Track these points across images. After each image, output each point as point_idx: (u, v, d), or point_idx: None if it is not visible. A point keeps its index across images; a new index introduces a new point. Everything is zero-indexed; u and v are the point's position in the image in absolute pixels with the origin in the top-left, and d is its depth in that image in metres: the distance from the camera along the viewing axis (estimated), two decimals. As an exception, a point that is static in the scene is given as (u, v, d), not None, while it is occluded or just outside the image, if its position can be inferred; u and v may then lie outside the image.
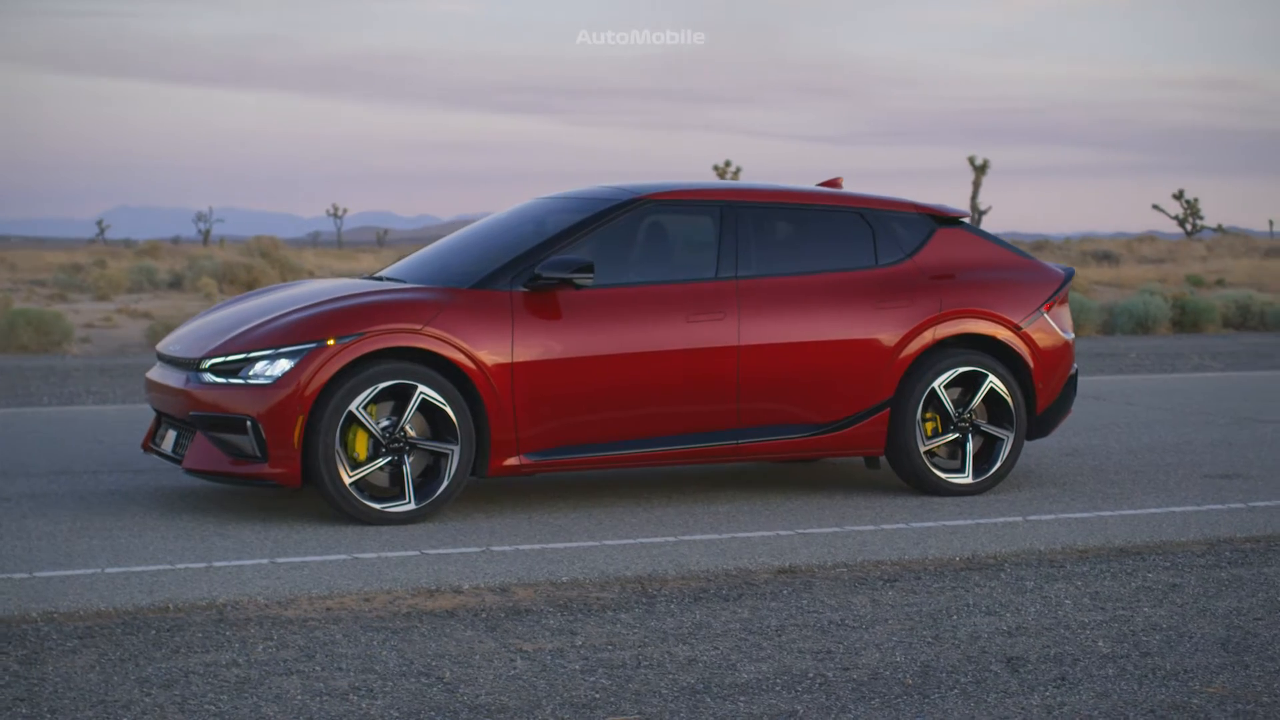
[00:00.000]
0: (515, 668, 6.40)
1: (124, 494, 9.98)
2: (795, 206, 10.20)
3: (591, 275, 9.38)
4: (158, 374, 9.84)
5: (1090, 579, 8.00)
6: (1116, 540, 8.88)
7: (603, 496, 10.09)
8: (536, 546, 8.65)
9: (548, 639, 6.85)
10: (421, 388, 9.11)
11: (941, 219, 10.54)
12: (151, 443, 10.01)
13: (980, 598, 7.61)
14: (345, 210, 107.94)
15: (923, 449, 10.11)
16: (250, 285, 36.17)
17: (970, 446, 10.22)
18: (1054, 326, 10.50)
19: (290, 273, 38.00)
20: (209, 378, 9.22)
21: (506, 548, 8.61)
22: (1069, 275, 10.77)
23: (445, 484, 9.20)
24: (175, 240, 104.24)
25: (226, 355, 9.21)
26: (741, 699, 5.98)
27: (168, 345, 9.90)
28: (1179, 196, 79.48)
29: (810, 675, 6.29)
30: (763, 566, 8.25)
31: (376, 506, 9.10)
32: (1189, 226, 79.02)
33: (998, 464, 10.27)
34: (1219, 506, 9.86)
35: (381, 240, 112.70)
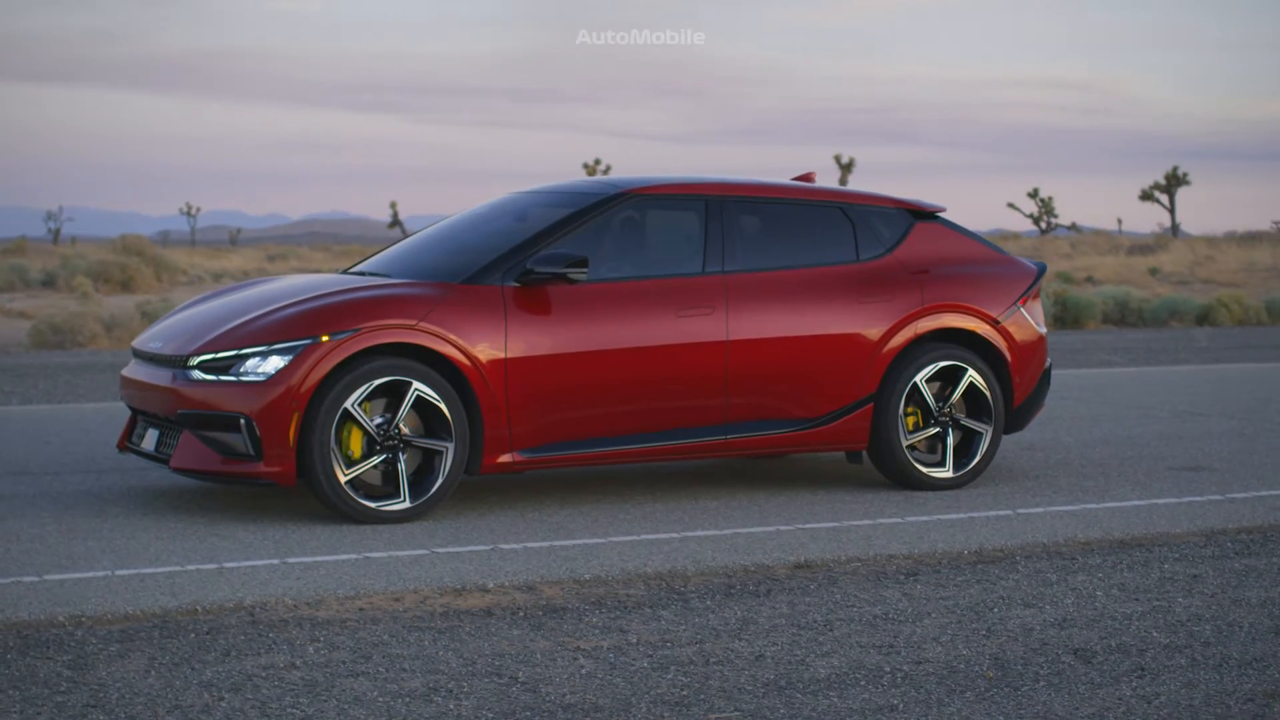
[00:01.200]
0: (584, 666, 6.31)
1: (95, 495, 9.74)
2: (778, 201, 10.19)
3: (586, 270, 9.30)
4: (136, 371, 9.61)
5: (1109, 571, 8.06)
6: (1115, 532, 8.95)
7: (586, 494, 10.01)
8: (544, 544, 8.55)
9: (599, 637, 6.77)
10: (416, 384, 8.97)
11: (918, 213, 10.58)
12: (128, 442, 9.77)
13: (1010, 590, 7.64)
14: (199, 209, 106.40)
15: (905, 444, 10.13)
16: (126, 284, 35.54)
17: (951, 441, 10.26)
18: (1030, 320, 10.58)
19: (166, 271, 37.39)
20: (197, 375, 9.02)
21: (514, 546, 8.51)
22: (1042, 270, 10.86)
23: (440, 482, 9.07)
24: (21, 240, 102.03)
25: (216, 352, 9.01)
26: (832, 693, 5.95)
27: (146, 342, 9.67)
28: (1034, 195, 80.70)
29: (886, 669, 6.27)
30: (779, 562, 8.22)
31: (372, 505, 8.96)
32: (1044, 225, 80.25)
33: (977, 458, 10.32)
34: (1199, 498, 9.98)
35: (234, 239, 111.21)
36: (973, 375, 10.25)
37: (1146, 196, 78.68)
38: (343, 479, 8.87)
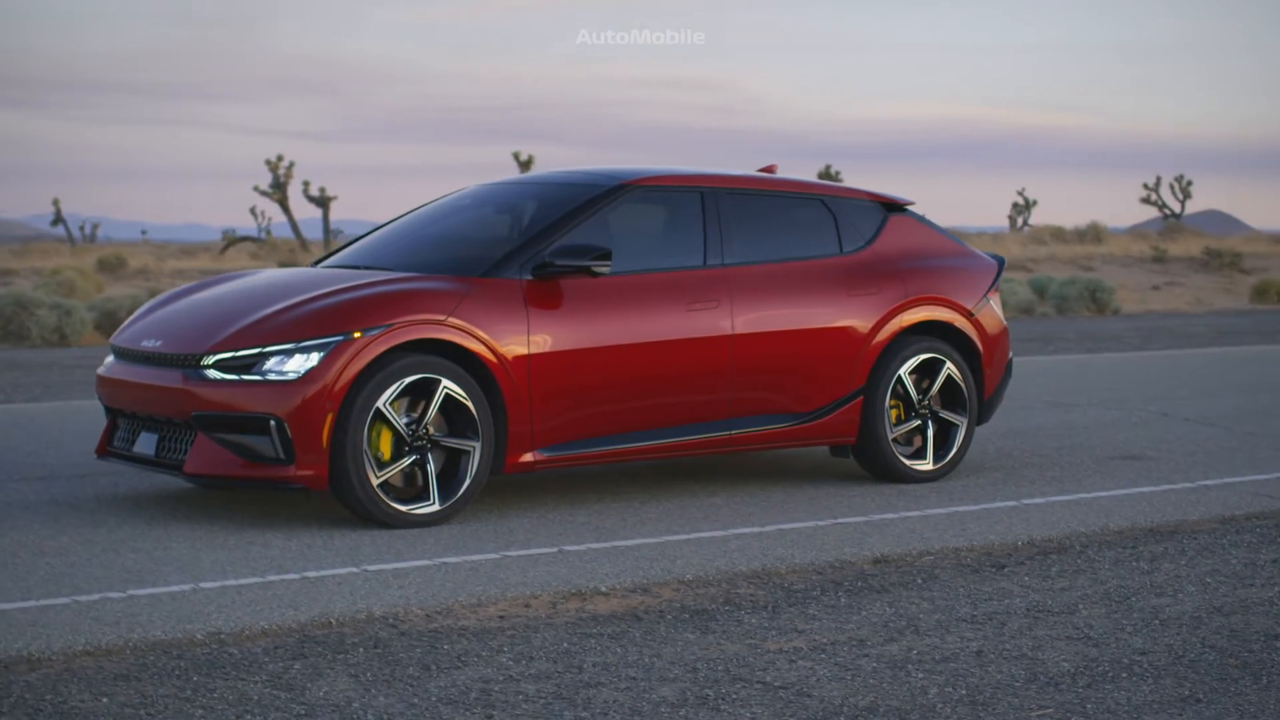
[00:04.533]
0: (817, 669, 6.13)
1: (102, 501, 9.09)
2: (767, 193, 10.09)
3: (609, 262, 9.06)
4: (124, 371, 9.01)
5: (1188, 556, 8.17)
6: (1141, 521, 9.08)
7: (585, 493, 9.73)
8: (604, 545, 8.30)
9: (787, 638, 6.58)
10: (445, 382, 8.61)
11: (890, 206, 10.60)
12: (110, 446, 9.15)
13: (1124, 577, 7.69)
14: None
15: (890, 436, 10.15)
16: None
17: (930, 433, 10.31)
18: (997, 312, 10.71)
19: None
20: (214, 374, 8.50)
21: (578, 547, 8.24)
22: (1002, 263, 10.99)
23: (468, 483, 8.73)
24: None
25: (236, 350, 8.50)
26: (1106, 687, 5.88)
27: (136, 340, 9.05)
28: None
29: (1115, 660, 6.23)
30: (857, 557, 8.13)
31: (403, 509, 8.56)
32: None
33: (954, 449, 10.38)
34: (1189, 485, 10.21)
35: None
36: (949, 368, 10.31)
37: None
38: (375, 482, 8.45)
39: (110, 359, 9.30)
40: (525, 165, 58.65)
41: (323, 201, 52.14)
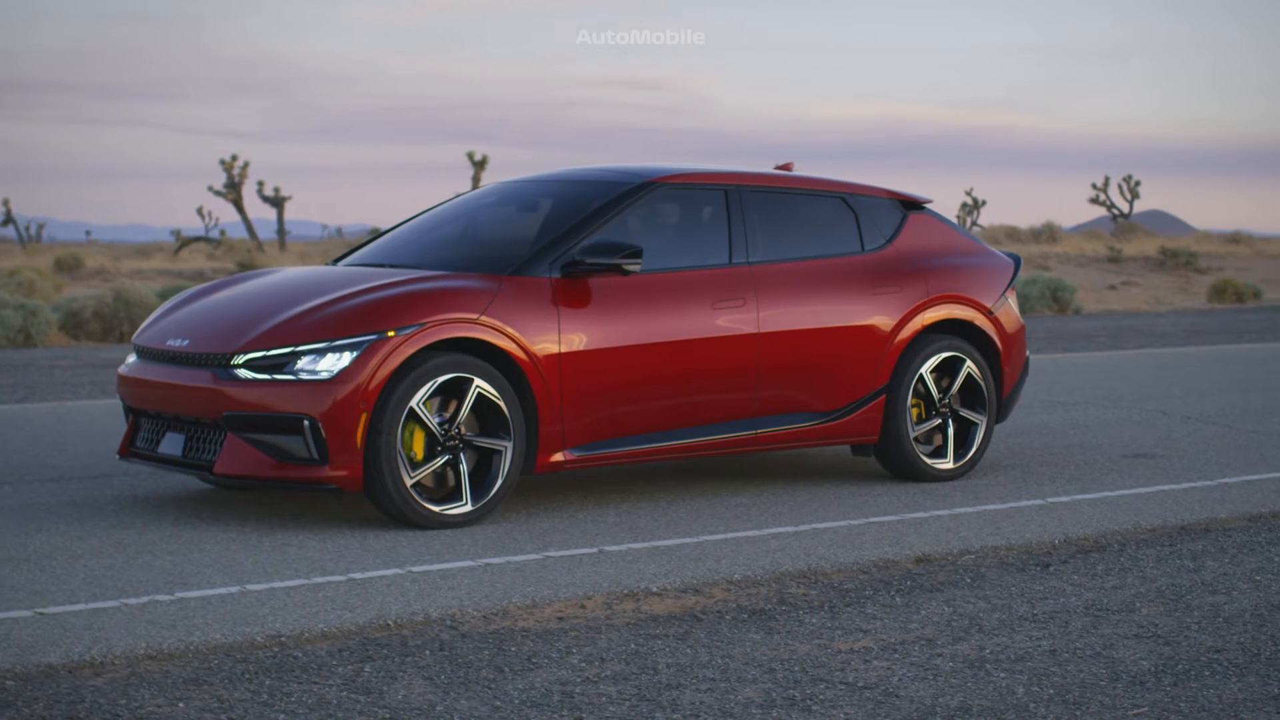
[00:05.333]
0: (895, 669, 6.06)
1: (122, 503, 8.96)
2: (789, 191, 10.03)
3: (640, 260, 8.98)
4: (148, 371, 8.88)
5: (1230, 554, 8.16)
6: (1172, 519, 9.06)
7: (608, 493, 9.66)
8: (643, 545, 8.23)
9: (853, 638, 6.52)
10: (477, 381, 8.52)
11: (909, 204, 10.56)
12: (133, 446, 9.02)
13: (1172, 575, 7.66)
14: None
15: (912, 435, 10.11)
16: None
17: (950, 431, 10.27)
18: (1015, 311, 10.68)
19: None
20: (245, 374, 8.38)
21: (618, 547, 8.17)
22: (1019, 261, 10.96)
23: (500, 483, 8.64)
24: None
25: (267, 349, 8.38)
26: (1192, 685, 5.84)
27: (160, 339, 8.92)
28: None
29: (1192, 659, 6.19)
30: (899, 556, 8.08)
31: (436, 509, 8.47)
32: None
33: (974, 448, 10.35)
34: (1209, 483, 10.21)
35: None
36: (970, 366, 10.28)
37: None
38: (408, 482, 8.35)
39: (132, 358, 9.16)
40: (480, 165, 58.55)
41: (277, 201, 51.86)
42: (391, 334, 8.34)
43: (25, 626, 6.41)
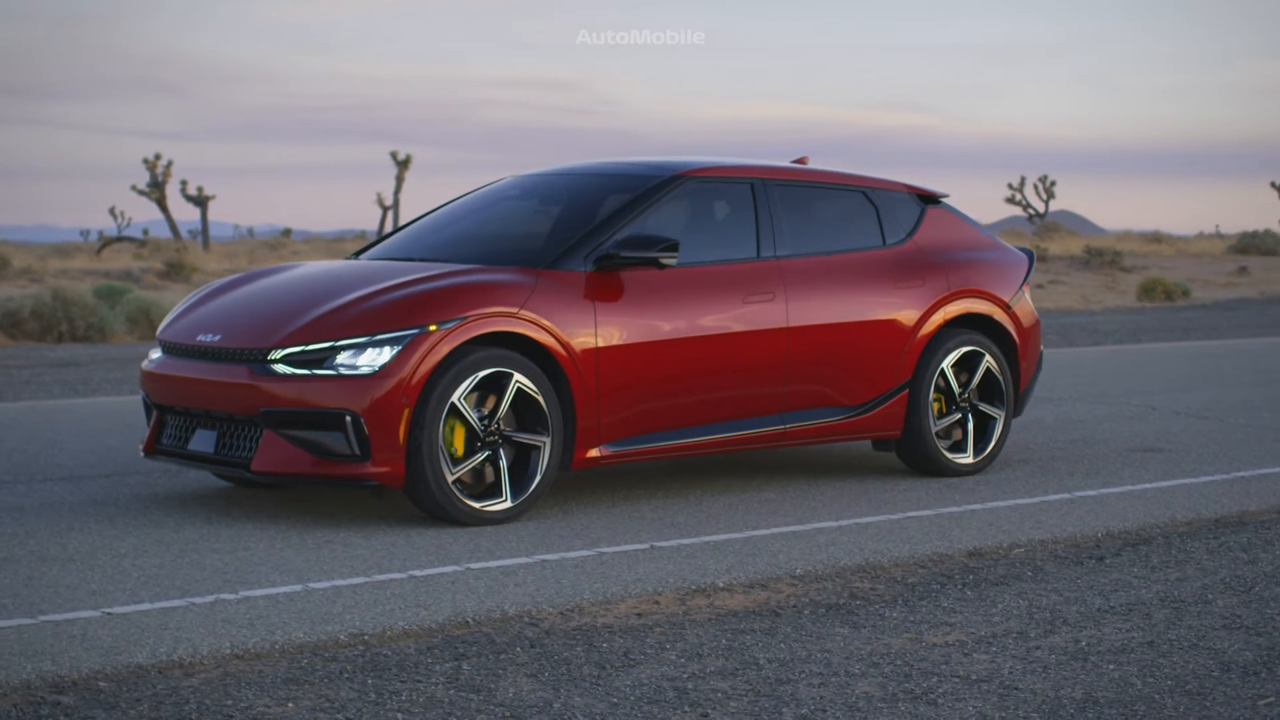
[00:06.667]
0: (1000, 663, 6.01)
1: (145, 501, 8.78)
2: (812, 185, 9.98)
3: (676, 254, 8.89)
4: (177, 366, 8.69)
5: (1278, 546, 8.18)
6: (1203, 512, 9.07)
7: (635, 489, 9.57)
8: (692, 541, 8.14)
9: (941, 631, 6.47)
10: (517, 375, 8.40)
11: (926, 198, 10.53)
12: (159, 444, 8.83)
13: (1230, 567, 7.66)
14: None
15: (934, 430, 10.08)
16: None
17: (970, 426, 10.25)
18: (1030, 305, 10.67)
19: None
20: (283, 369, 8.22)
21: (668, 544, 8.08)
22: (1032, 256, 10.96)
23: (539, 479, 8.52)
24: None
25: (305, 344, 8.23)
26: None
27: (189, 334, 8.73)
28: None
29: (1299, 649, 6.20)
30: (951, 550, 8.05)
31: (476, 506, 8.34)
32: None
33: (993, 442, 10.33)
34: (1226, 476, 10.24)
35: None
36: (989, 360, 10.26)
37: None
38: (450, 478, 8.22)
39: (157, 354, 8.96)
40: (404, 165, 58.32)
41: (201, 201, 51.34)
42: (433, 328, 8.21)
43: (100, 627, 6.25)
